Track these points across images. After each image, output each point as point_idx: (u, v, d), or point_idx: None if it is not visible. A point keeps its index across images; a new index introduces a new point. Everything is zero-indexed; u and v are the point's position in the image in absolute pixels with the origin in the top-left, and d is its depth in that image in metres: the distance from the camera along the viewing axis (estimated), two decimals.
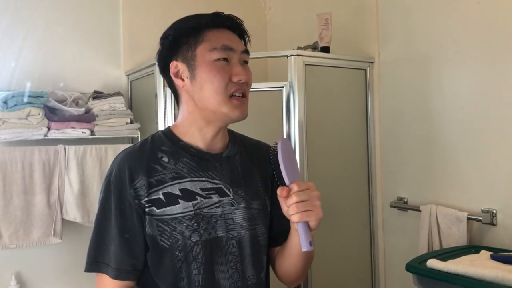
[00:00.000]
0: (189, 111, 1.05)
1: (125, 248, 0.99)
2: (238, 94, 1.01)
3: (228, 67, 1.00)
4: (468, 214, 1.77)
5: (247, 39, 1.09)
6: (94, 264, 1.00)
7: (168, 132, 1.08)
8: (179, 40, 1.03)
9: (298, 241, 0.95)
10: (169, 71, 1.05)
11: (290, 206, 0.93)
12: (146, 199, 0.98)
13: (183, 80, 1.03)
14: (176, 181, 1.00)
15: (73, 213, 2.02)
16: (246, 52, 1.05)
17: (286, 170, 0.95)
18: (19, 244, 1.92)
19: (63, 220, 2.01)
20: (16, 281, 2.02)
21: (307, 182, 0.96)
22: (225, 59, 1.00)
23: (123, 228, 0.99)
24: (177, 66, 1.04)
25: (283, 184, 0.96)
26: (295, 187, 0.93)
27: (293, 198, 0.92)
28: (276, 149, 0.96)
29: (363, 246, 2.21)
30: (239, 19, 1.07)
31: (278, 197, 0.96)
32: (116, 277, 0.99)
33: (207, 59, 1.00)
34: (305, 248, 0.92)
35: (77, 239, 2.12)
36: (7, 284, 2.02)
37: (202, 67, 1.00)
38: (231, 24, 1.05)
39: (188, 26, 1.03)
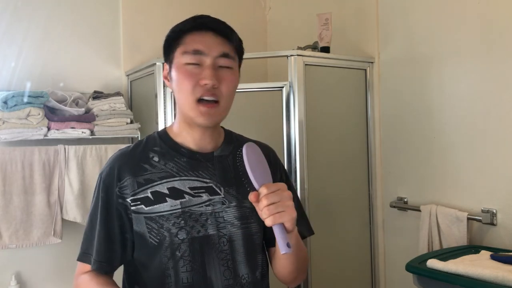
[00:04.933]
0: (178, 111, 1.08)
1: (105, 243, 1.03)
2: (207, 98, 1.00)
3: (198, 71, 1.00)
4: (468, 214, 1.77)
5: (236, 42, 1.05)
6: (85, 254, 1.06)
7: (163, 133, 1.11)
8: (168, 43, 1.06)
9: None
10: None
11: (262, 210, 0.91)
12: (132, 197, 1.02)
13: (168, 81, 1.07)
14: (165, 180, 1.03)
15: (73, 213, 2.02)
16: (226, 56, 1.02)
17: (253, 174, 0.93)
18: (19, 244, 1.92)
19: (63, 220, 2.01)
20: (16, 281, 2.02)
21: (278, 183, 0.94)
22: (195, 63, 1.00)
23: (105, 224, 1.03)
24: (166, 68, 1.08)
25: (254, 189, 0.93)
26: (264, 190, 0.91)
27: (263, 202, 0.90)
28: (242, 155, 0.94)
29: (363, 246, 2.21)
30: (221, 21, 1.05)
31: (253, 204, 0.94)
32: (97, 269, 1.03)
33: (179, 62, 1.02)
34: (283, 250, 0.89)
35: (77, 239, 2.09)
36: (7, 284, 2.02)
37: (175, 69, 1.03)
38: (214, 27, 1.03)
39: (173, 29, 1.05)
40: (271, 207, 0.90)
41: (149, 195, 1.02)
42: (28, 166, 1.95)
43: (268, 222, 0.91)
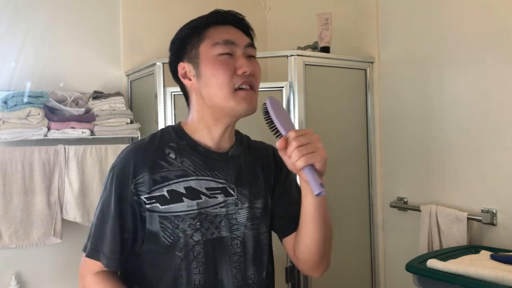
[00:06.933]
0: (198, 109, 1.05)
1: (119, 240, 0.99)
2: (245, 87, 1.00)
3: (231, 61, 1.00)
4: (468, 214, 1.76)
5: (252, 33, 1.08)
6: (95, 251, 1.01)
7: (179, 128, 1.08)
8: (184, 42, 1.04)
9: (310, 194, 0.93)
10: (178, 74, 1.07)
11: (292, 153, 0.90)
12: (147, 195, 0.99)
13: (190, 79, 1.04)
14: (182, 179, 1.01)
15: (73, 213, 2.02)
16: (251, 45, 1.05)
17: (280, 122, 0.93)
18: (19, 244, 1.92)
19: (63, 220, 2.01)
20: (16, 281, 2.02)
21: (306, 129, 0.95)
22: (228, 53, 1.00)
23: (119, 220, 1.00)
24: (184, 67, 1.05)
25: (281, 136, 0.93)
26: (292, 134, 0.91)
27: (293, 144, 0.90)
28: (266, 107, 0.95)
29: (363, 246, 2.21)
30: (240, 14, 1.07)
31: (279, 152, 0.94)
32: (108, 266, 1.00)
33: (210, 55, 1.00)
34: (317, 190, 0.88)
35: (77, 239, 2.12)
36: (7, 284, 2.02)
37: (205, 63, 1.00)
38: (233, 20, 1.05)
39: (191, 27, 1.04)
40: (301, 149, 0.89)
41: (165, 193, 0.99)
42: (28, 166, 1.95)
43: (299, 164, 0.89)
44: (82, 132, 2.04)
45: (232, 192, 1.04)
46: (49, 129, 1.98)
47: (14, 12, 2.11)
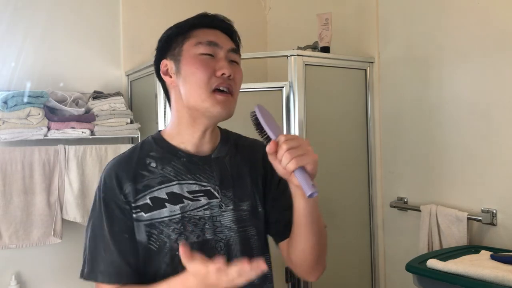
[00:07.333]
0: (178, 109, 1.05)
1: (119, 253, 0.98)
2: (222, 89, 0.99)
3: (212, 62, 1.00)
4: (468, 214, 1.77)
5: (238, 41, 1.08)
6: (92, 274, 1.00)
7: (158, 136, 1.08)
8: (170, 40, 1.05)
9: (301, 198, 0.93)
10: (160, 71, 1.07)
11: (283, 156, 0.89)
12: (133, 205, 1.00)
13: (170, 77, 1.05)
14: (163, 185, 1.01)
15: (73, 213, 2.02)
16: (235, 51, 1.04)
17: (269, 127, 0.93)
18: (19, 244, 1.92)
19: (63, 220, 2.01)
20: (16, 281, 2.02)
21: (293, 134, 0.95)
22: (210, 54, 1.00)
23: (116, 234, 0.99)
24: (166, 64, 1.05)
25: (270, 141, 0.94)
26: (282, 138, 0.91)
27: (283, 147, 0.89)
28: (255, 115, 0.95)
29: (363, 246, 2.21)
30: (228, 19, 1.07)
31: (269, 157, 0.93)
32: (111, 281, 0.98)
33: (191, 53, 1.01)
34: (309, 191, 0.88)
35: (77, 239, 2.12)
36: (7, 284, 2.02)
37: (186, 61, 1.01)
38: (220, 24, 1.05)
39: (178, 26, 1.05)
40: (291, 151, 0.89)
41: (148, 201, 1.00)
42: (28, 166, 1.95)
43: (290, 167, 0.89)
44: (82, 132, 2.04)
45: (216, 194, 1.03)
46: (49, 129, 1.98)
47: (14, 12, 2.11)
